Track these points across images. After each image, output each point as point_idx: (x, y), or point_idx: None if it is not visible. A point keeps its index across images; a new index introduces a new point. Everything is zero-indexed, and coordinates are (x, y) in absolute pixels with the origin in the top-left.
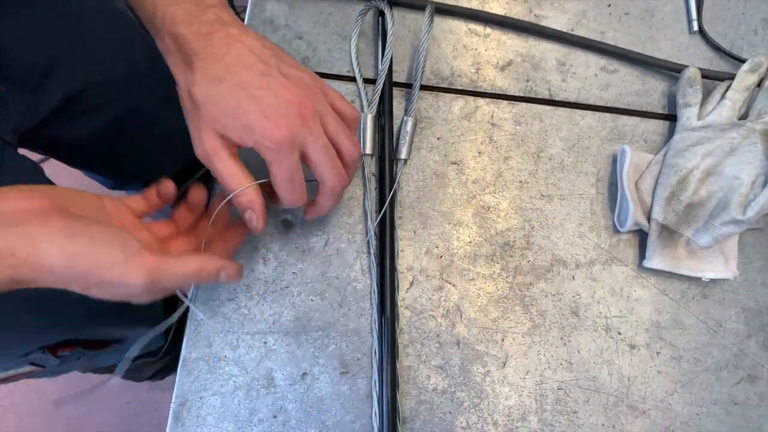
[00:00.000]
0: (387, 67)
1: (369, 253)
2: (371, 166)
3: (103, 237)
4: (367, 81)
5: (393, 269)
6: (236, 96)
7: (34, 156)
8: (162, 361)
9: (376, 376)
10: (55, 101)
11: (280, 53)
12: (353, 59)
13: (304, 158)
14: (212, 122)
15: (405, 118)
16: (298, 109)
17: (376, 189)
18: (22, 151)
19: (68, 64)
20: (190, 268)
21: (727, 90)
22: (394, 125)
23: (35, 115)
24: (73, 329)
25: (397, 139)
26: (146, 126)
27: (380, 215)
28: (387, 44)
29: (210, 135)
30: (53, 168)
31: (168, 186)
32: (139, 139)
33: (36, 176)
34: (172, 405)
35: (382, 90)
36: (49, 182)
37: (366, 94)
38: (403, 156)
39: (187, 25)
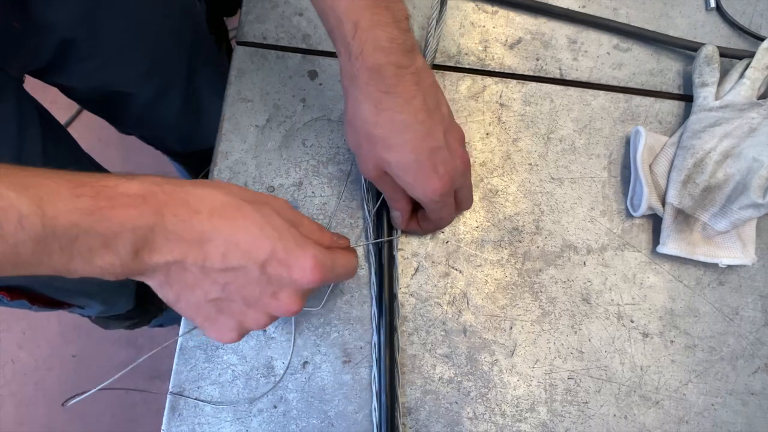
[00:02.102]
0: None
1: (366, 238)
2: None
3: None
4: None
5: (391, 257)
6: (418, 150)
7: (65, 114)
8: (130, 320)
9: (375, 370)
10: (53, 48)
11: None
12: None
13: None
14: (385, 165)
15: None
16: (462, 163)
17: None
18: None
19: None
20: (351, 259)
21: (745, 69)
22: None
23: (37, 60)
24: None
25: None
26: (135, 104)
27: (379, 200)
28: None
29: (379, 170)
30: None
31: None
32: (132, 108)
33: (36, 114)
34: (168, 394)
35: None
36: (49, 116)
37: None
38: None
39: (386, 54)
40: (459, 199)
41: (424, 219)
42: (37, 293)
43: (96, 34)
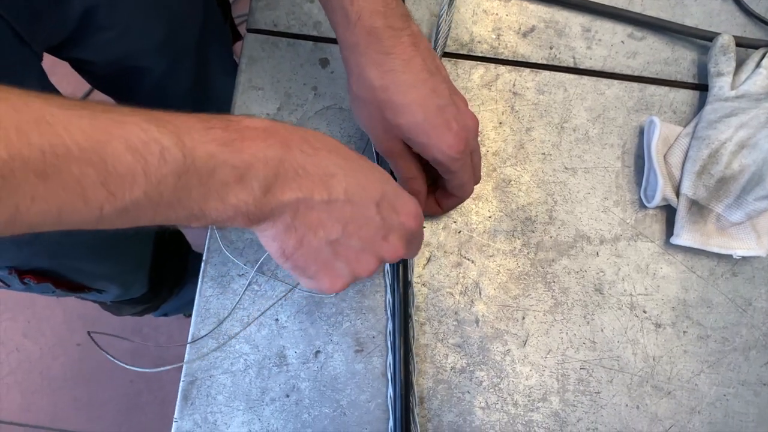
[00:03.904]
0: None
1: None
2: None
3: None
4: None
5: None
6: (426, 108)
7: (78, 91)
8: (142, 305)
9: (390, 358)
10: (76, 18)
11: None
12: None
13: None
14: (397, 131)
15: None
16: (473, 121)
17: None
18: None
19: None
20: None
21: (762, 58)
22: None
23: (61, 30)
24: (48, 256)
25: None
26: (148, 76)
27: None
28: None
29: (393, 140)
30: None
31: None
32: (145, 84)
33: (46, 88)
34: (180, 384)
35: None
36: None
37: None
38: None
39: (383, 17)
40: (474, 164)
41: (444, 195)
42: (62, 277)
43: (115, 1)
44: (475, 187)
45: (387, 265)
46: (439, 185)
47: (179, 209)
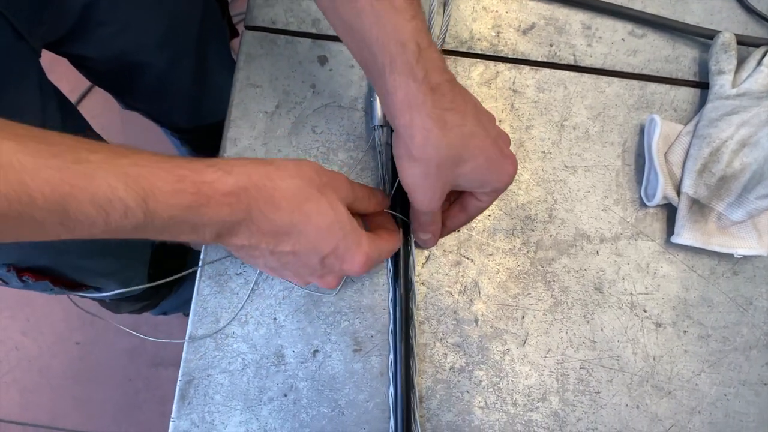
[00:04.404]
0: None
1: None
2: (383, 136)
3: (352, 223)
4: None
5: (406, 243)
6: (485, 150)
7: (74, 93)
8: (141, 302)
9: (392, 356)
10: (76, 12)
11: None
12: None
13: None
14: (458, 180)
15: None
16: (509, 138)
17: (389, 159)
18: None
19: None
20: (395, 245)
21: (763, 56)
22: None
23: (61, 26)
24: (47, 253)
25: None
26: (150, 73)
27: (395, 186)
28: None
29: (442, 191)
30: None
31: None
32: (144, 80)
33: (53, 92)
34: (178, 383)
35: None
36: (61, 93)
37: None
38: None
39: (442, 72)
40: None
41: (455, 217)
42: (60, 274)
43: None
44: None
45: (388, 264)
46: (452, 206)
47: (133, 237)
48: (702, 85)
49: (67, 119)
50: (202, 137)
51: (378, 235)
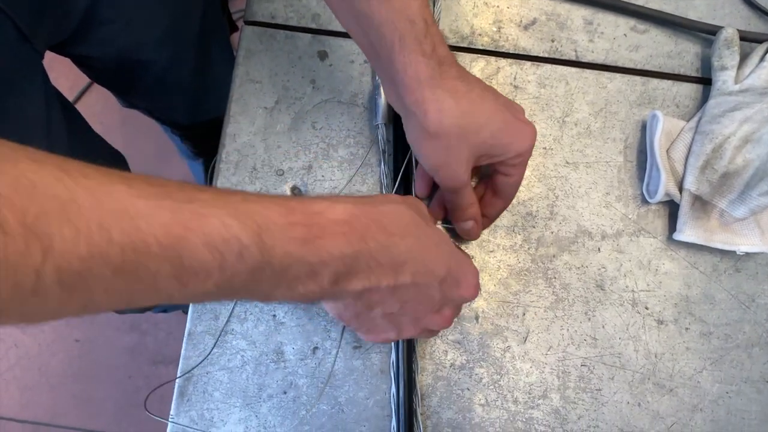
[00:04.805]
0: None
1: None
2: (386, 135)
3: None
4: None
5: None
6: (500, 113)
7: (73, 90)
8: None
9: (394, 356)
10: (80, 12)
11: None
12: None
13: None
14: (480, 149)
15: None
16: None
17: (390, 156)
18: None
19: None
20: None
21: (766, 52)
22: None
23: (65, 26)
24: None
25: None
26: (153, 69)
27: (396, 183)
28: None
29: (466, 166)
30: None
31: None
32: (146, 77)
33: (56, 94)
34: (177, 380)
35: None
36: (62, 95)
37: None
38: None
39: (444, 44)
40: None
41: (491, 202)
42: None
43: None
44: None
45: None
46: (485, 194)
47: (245, 294)
48: (704, 81)
49: (72, 125)
50: (203, 134)
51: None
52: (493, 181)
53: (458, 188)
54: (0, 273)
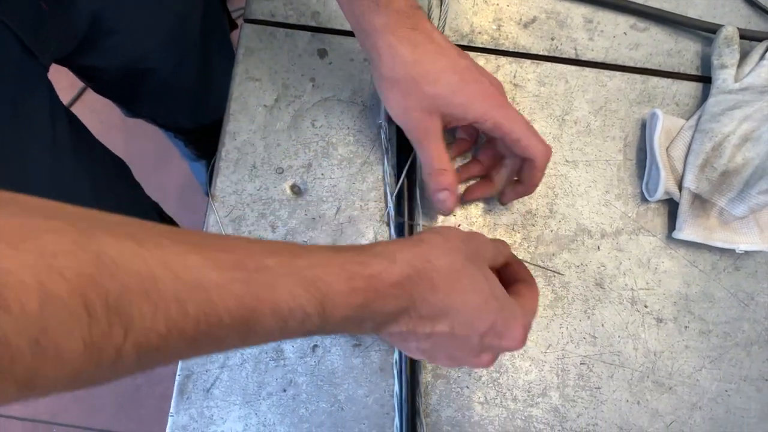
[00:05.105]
0: None
1: (389, 225)
2: (388, 133)
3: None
4: None
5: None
6: (457, 69)
7: (67, 96)
8: None
9: (396, 354)
10: (84, 24)
11: None
12: None
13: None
14: (436, 101)
15: None
16: (498, 80)
17: (393, 154)
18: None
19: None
20: (538, 297)
21: (766, 51)
22: None
23: (70, 38)
24: None
25: None
26: (158, 75)
27: (399, 183)
28: None
29: (430, 118)
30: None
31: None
32: (151, 84)
33: (61, 105)
34: (176, 378)
35: None
36: (64, 106)
37: None
38: None
39: (407, 2)
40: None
41: (496, 172)
42: None
43: (119, 2)
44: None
45: None
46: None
47: (290, 338)
48: (704, 79)
49: (75, 136)
50: (207, 136)
51: (520, 293)
52: (491, 150)
53: (421, 140)
54: (84, 354)
